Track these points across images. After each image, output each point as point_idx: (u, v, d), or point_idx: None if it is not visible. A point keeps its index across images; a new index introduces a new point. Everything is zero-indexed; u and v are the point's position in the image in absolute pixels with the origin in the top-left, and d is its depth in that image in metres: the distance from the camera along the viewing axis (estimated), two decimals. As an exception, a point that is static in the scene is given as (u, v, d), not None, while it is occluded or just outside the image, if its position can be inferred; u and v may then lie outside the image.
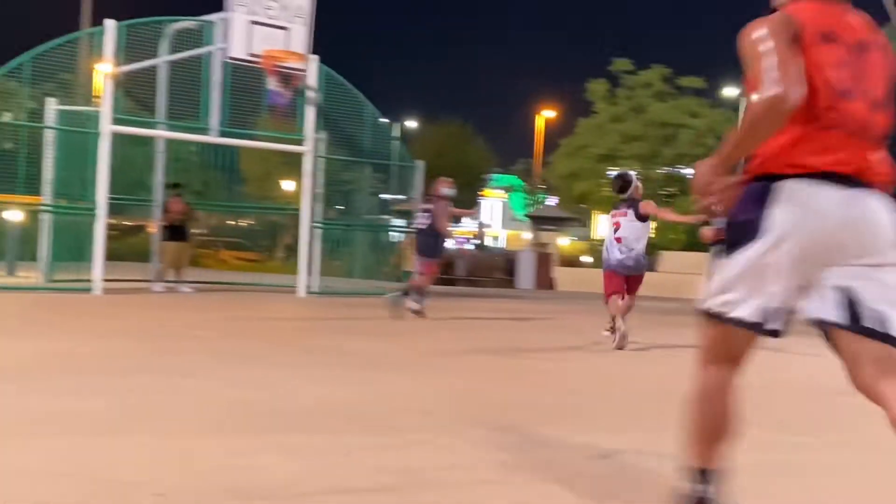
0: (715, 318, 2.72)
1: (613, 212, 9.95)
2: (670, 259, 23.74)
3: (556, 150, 42.88)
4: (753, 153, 2.64)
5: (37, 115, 14.80)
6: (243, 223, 24.00)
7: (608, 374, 7.37)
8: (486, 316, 13.16)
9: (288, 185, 25.52)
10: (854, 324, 2.52)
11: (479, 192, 41.05)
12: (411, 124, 53.89)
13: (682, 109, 38.80)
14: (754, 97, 2.56)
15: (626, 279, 9.53)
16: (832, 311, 2.55)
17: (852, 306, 2.53)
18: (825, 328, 2.57)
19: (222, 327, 9.95)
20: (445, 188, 12.13)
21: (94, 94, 14.70)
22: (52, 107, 14.74)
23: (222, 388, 5.64)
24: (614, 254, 9.59)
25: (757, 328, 2.64)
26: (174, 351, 7.49)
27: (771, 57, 2.53)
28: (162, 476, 3.49)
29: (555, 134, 47.08)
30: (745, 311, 2.63)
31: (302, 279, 15.79)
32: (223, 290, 16.53)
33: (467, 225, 49.14)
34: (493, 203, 73.03)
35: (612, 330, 9.47)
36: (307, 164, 15.75)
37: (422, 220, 12.11)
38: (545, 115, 52.13)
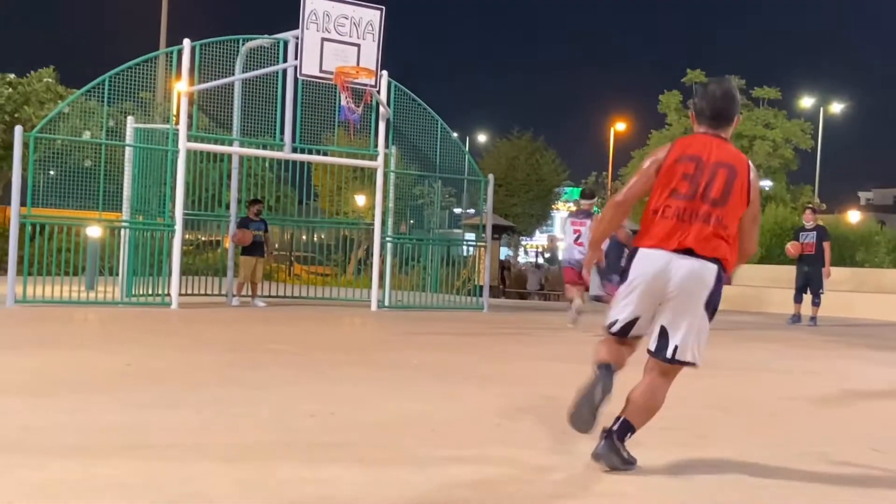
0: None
1: (573, 220, 12.86)
2: (744, 272, 23.29)
3: (628, 162, 42.57)
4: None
5: (115, 133, 15.14)
6: (316, 238, 24.24)
7: (676, 389, 7.23)
8: (559, 327, 13.05)
9: (359, 200, 25.73)
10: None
11: (551, 206, 40.85)
12: (482, 138, 54.01)
13: (757, 120, 38.21)
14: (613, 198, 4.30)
15: (580, 273, 12.04)
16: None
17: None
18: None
19: (296, 341, 10.04)
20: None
21: (171, 111, 14.99)
22: (130, 125, 15.06)
23: (297, 401, 5.67)
24: (573, 254, 12.51)
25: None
26: (249, 364, 7.57)
27: (636, 177, 4.23)
28: (235, 489, 3.51)
29: (627, 146, 46.71)
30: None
31: (374, 293, 15.86)
32: (296, 305, 16.69)
33: (539, 238, 49.00)
34: (566, 216, 72.71)
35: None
36: (379, 179, 15.84)
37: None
38: (617, 128, 51.80)
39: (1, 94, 22.33)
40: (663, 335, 4.05)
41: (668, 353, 4.03)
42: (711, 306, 4.03)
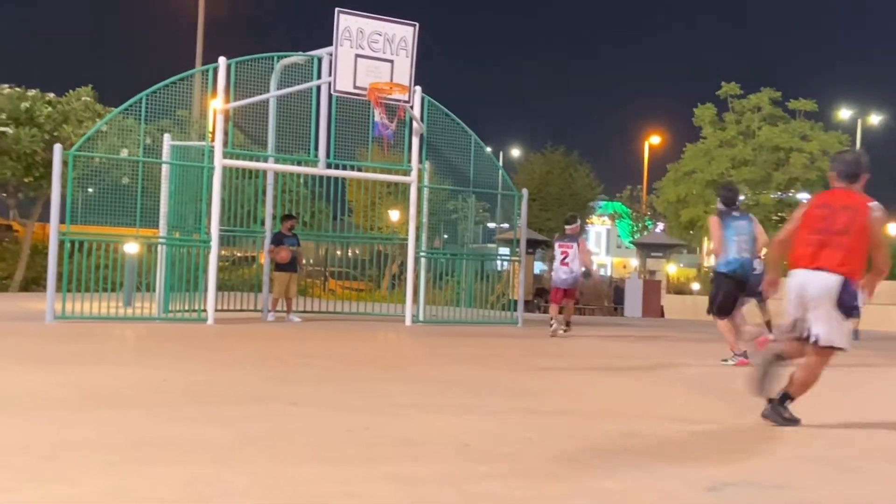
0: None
1: (560, 243, 14.48)
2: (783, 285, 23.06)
3: (662, 176, 42.34)
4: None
5: (152, 150, 15.30)
6: (350, 253, 24.34)
7: (715, 404, 7.17)
8: (594, 343, 12.99)
9: (393, 215, 25.81)
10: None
11: (585, 220, 40.75)
12: (516, 153, 53.99)
13: (794, 133, 37.87)
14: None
15: (565, 291, 14.33)
16: None
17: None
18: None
19: (331, 356, 10.06)
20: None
21: (206, 129, 15.13)
22: (167, 142, 15.22)
23: (333, 416, 5.69)
24: (560, 274, 14.28)
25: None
26: (286, 379, 7.59)
27: (787, 225, 6.17)
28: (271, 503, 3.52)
29: (662, 160, 46.50)
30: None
31: (408, 308, 15.88)
32: (331, 320, 16.74)
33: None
34: (600, 230, 72.45)
35: (566, 326, 14.43)
36: (413, 194, 15.88)
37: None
38: (651, 142, 51.60)
39: (41, 112, 22.64)
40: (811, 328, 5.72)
41: (813, 339, 5.67)
42: (843, 306, 5.64)
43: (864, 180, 5.95)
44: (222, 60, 14.34)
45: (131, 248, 15.97)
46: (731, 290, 10.03)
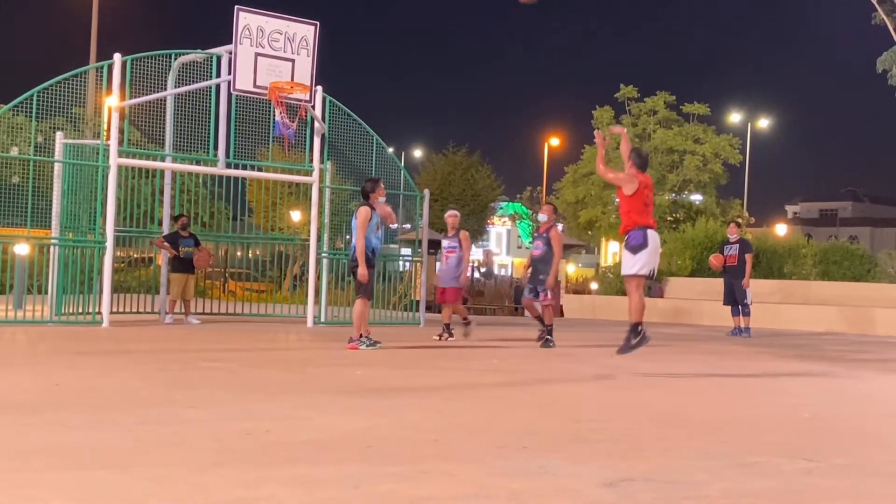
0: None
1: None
2: (677, 285, 23.69)
3: (562, 177, 42.97)
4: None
5: (44, 148, 14.87)
6: (251, 254, 24.03)
7: (614, 401, 7.33)
8: (492, 345, 13.12)
9: (295, 216, 25.57)
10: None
11: (486, 221, 41.05)
12: (417, 153, 54.10)
13: (688, 136, 38.86)
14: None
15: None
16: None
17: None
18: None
19: (231, 359, 9.94)
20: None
21: (101, 127, 14.77)
22: (59, 140, 14.82)
23: (233, 419, 5.63)
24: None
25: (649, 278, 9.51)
26: (184, 383, 7.48)
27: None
28: (171, 509, 3.47)
29: (561, 161, 47.20)
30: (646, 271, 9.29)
31: (310, 309, 15.78)
32: (231, 321, 16.54)
33: (474, 253, 49.20)
34: (501, 231, 73.14)
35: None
36: (314, 194, 15.77)
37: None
38: (551, 143, 52.33)
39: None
40: None
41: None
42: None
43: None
44: (117, 57, 14.01)
45: (22, 249, 15.51)
46: None
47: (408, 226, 22.39)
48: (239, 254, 24.08)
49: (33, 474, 3.96)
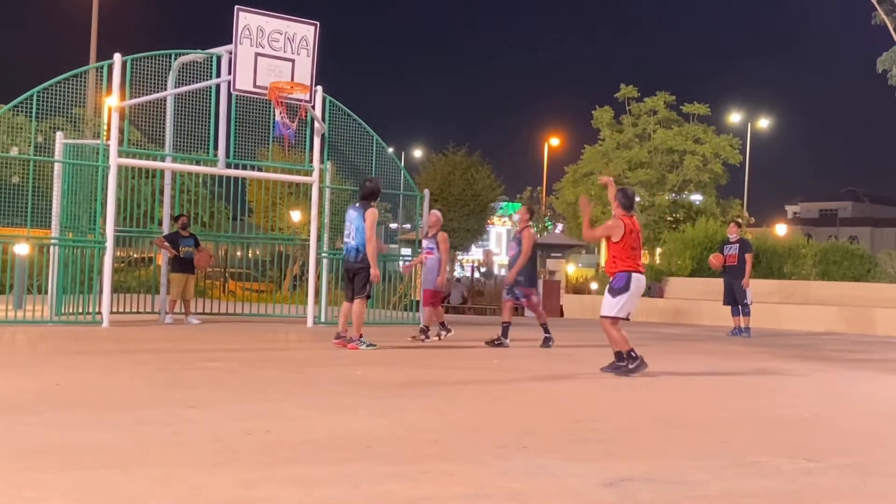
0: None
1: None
2: (677, 285, 23.68)
3: (562, 177, 42.95)
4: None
5: (44, 148, 14.86)
6: (251, 254, 24.02)
7: (614, 401, 7.33)
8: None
9: (295, 216, 25.56)
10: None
11: (486, 221, 41.03)
12: (417, 153, 54.10)
13: (688, 136, 38.84)
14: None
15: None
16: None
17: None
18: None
19: (231, 358, 9.94)
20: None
21: (101, 127, 14.76)
22: (59, 140, 14.81)
23: (233, 419, 5.63)
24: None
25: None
26: (184, 383, 7.48)
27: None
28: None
29: (561, 161, 47.22)
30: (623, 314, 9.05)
31: (310, 309, 15.78)
32: (231, 321, 16.53)
33: (475, 253, 49.19)
34: (501, 231, 73.14)
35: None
36: (314, 194, 15.76)
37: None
38: (551, 143, 52.35)
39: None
40: None
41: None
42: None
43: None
44: (117, 57, 13.99)
45: (22, 249, 15.50)
46: None
47: (408, 226, 22.38)
48: (239, 254, 24.07)
49: (33, 474, 3.96)
